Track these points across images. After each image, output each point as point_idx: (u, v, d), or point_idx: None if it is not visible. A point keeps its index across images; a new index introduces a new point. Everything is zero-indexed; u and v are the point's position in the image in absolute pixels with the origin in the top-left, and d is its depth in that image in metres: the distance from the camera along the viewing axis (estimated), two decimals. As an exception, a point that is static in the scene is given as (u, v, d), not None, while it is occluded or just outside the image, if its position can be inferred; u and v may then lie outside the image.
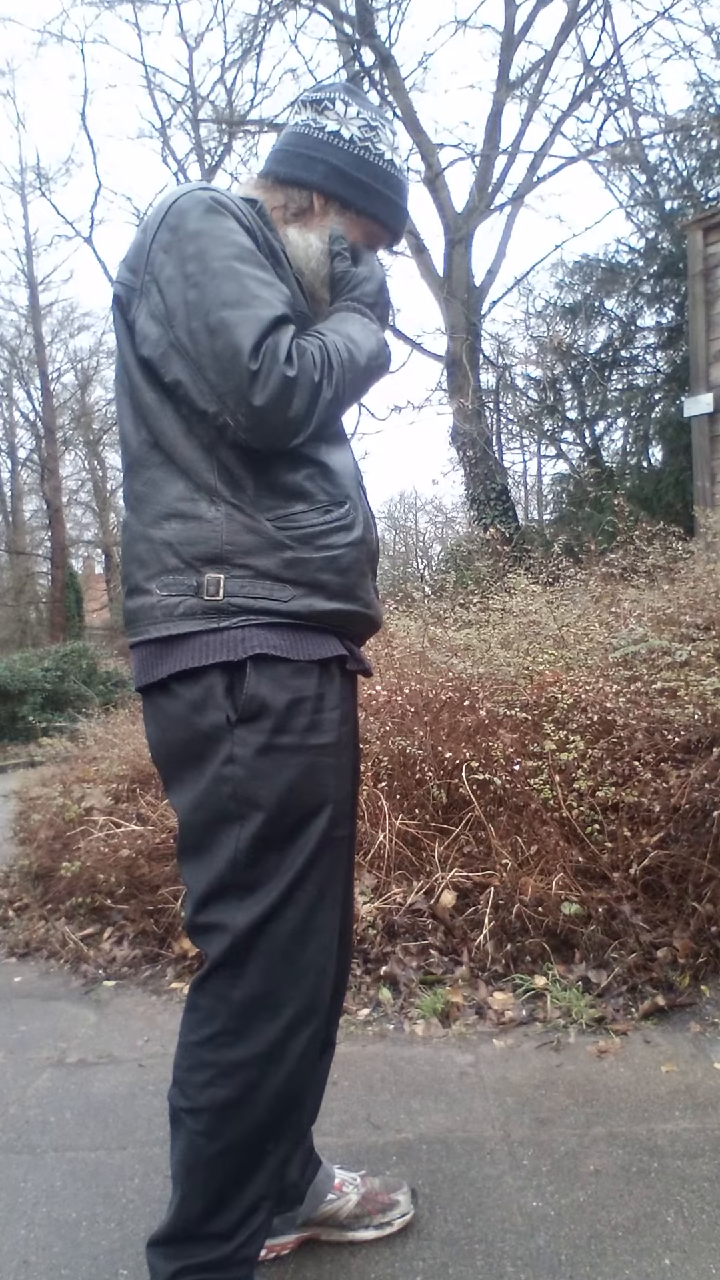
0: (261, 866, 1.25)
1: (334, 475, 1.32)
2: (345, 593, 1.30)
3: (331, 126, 1.38)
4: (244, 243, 1.24)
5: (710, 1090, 2.00)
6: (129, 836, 3.34)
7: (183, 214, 1.24)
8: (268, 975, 1.26)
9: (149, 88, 15.74)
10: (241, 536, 1.24)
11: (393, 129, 1.43)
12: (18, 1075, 2.31)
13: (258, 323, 1.17)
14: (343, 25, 12.51)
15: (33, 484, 24.78)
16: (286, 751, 1.24)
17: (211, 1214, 1.27)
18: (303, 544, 1.26)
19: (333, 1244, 1.58)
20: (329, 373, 1.24)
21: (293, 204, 1.40)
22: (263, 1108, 1.27)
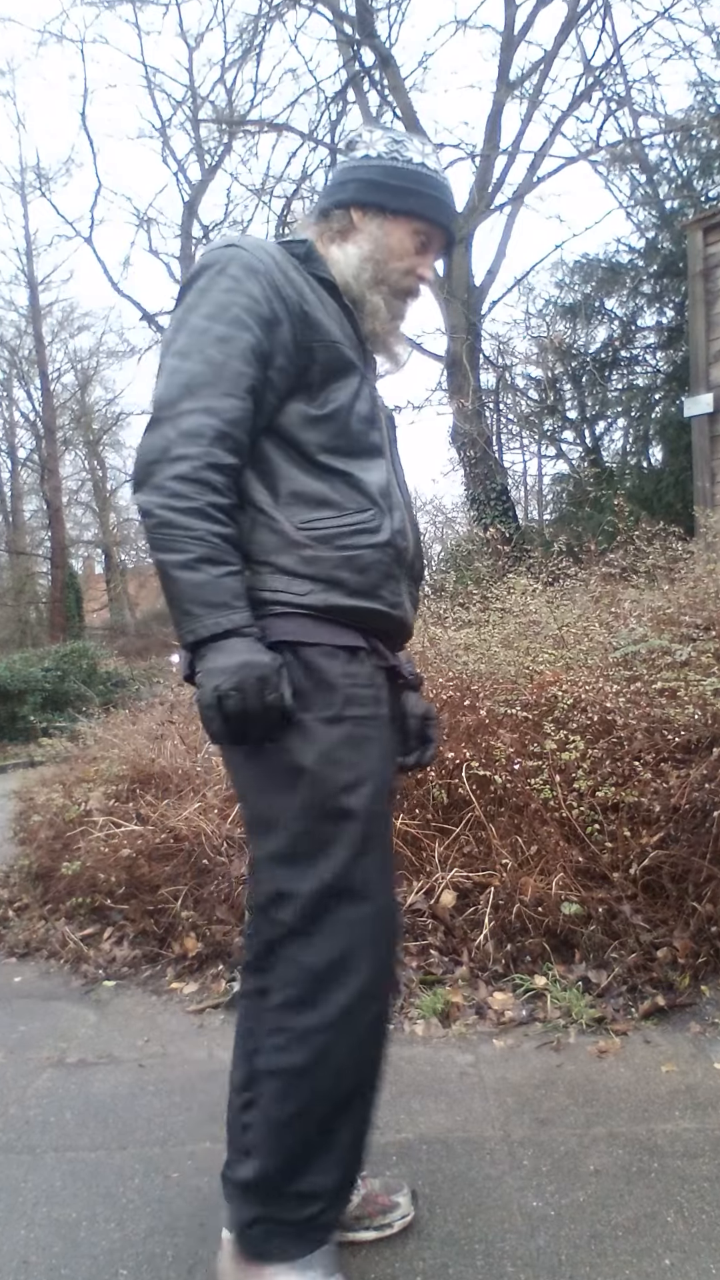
0: (316, 835, 1.33)
1: (361, 485, 1.40)
2: (366, 591, 1.38)
3: (360, 153, 1.49)
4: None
5: (710, 1090, 2.00)
6: (129, 836, 3.34)
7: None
8: (337, 941, 1.33)
9: (149, 88, 15.80)
10: (264, 537, 1.35)
11: (423, 141, 1.51)
12: (18, 1075, 2.31)
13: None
14: (343, 25, 12.51)
15: (33, 484, 24.79)
16: (324, 724, 1.33)
17: (286, 1176, 1.34)
18: (322, 543, 1.35)
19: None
20: (173, 510, 1.26)
21: (336, 224, 1.50)
22: (330, 1077, 1.34)
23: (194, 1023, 2.55)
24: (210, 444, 1.27)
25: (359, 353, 1.47)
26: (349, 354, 1.42)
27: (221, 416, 1.28)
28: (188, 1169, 1.85)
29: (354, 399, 1.42)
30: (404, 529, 1.46)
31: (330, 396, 1.40)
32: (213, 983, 2.73)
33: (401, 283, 1.51)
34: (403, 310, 1.54)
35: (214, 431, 1.28)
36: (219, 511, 1.27)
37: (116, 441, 26.65)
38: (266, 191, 15.54)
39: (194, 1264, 1.56)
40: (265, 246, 1.41)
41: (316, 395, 1.39)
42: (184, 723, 4.66)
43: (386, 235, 1.48)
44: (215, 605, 1.24)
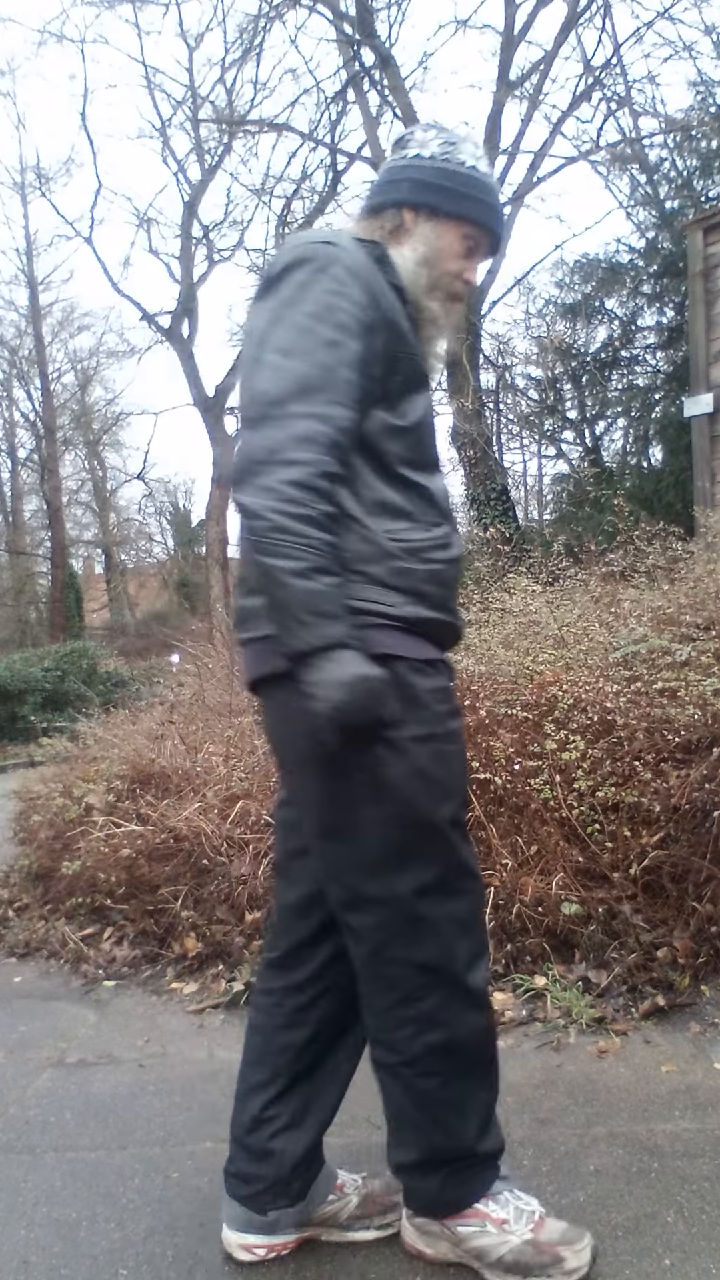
0: (409, 842, 1.37)
1: (433, 499, 1.43)
2: (442, 604, 1.42)
3: (413, 152, 1.48)
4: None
5: (710, 1090, 2.00)
6: (129, 836, 3.34)
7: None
8: (439, 934, 1.40)
9: (149, 88, 15.79)
10: (357, 545, 1.34)
11: (475, 143, 1.50)
12: (18, 1075, 2.31)
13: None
14: (343, 25, 12.51)
15: (33, 484, 24.80)
16: (414, 741, 1.35)
17: (454, 1138, 1.45)
18: (411, 555, 1.37)
19: (334, 1244, 1.58)
20: (288, 519, 1.23)
21: (388, 224, 1.48)
22: (467, 1038, 1.44)
23: (194, 1023, 2.55)
24: (323, 451, 1.25)
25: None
26: (424, 365, 1.44)
27: (333, 424, 1.27)
28: (188, 1169, 1.85)
29: (428, 413, 1.44)
30: (459, 541, 1.50)
31: (409, 408, 1.40)
32: (213, 983, 2.73)
33: (451, 287, 1.51)
34: (450, 315, 1.54)
35: (327, 439, 1.26)
36: (330, 520, 1.26)
37: (116, 441, 26.73)
38: (266, 191, 15.57)
39: (194, 1264, 1.56)
40: (357, 249, 1.38)
41: (395, 406, 1.38)
42: (184, 723, 4.66)
43: (438, 238, 1.47)
44: (328, 615, 1.23)
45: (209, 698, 5.03)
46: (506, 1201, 1.46)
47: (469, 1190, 1.46)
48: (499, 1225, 1.44)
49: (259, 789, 3.33)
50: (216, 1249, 1.59)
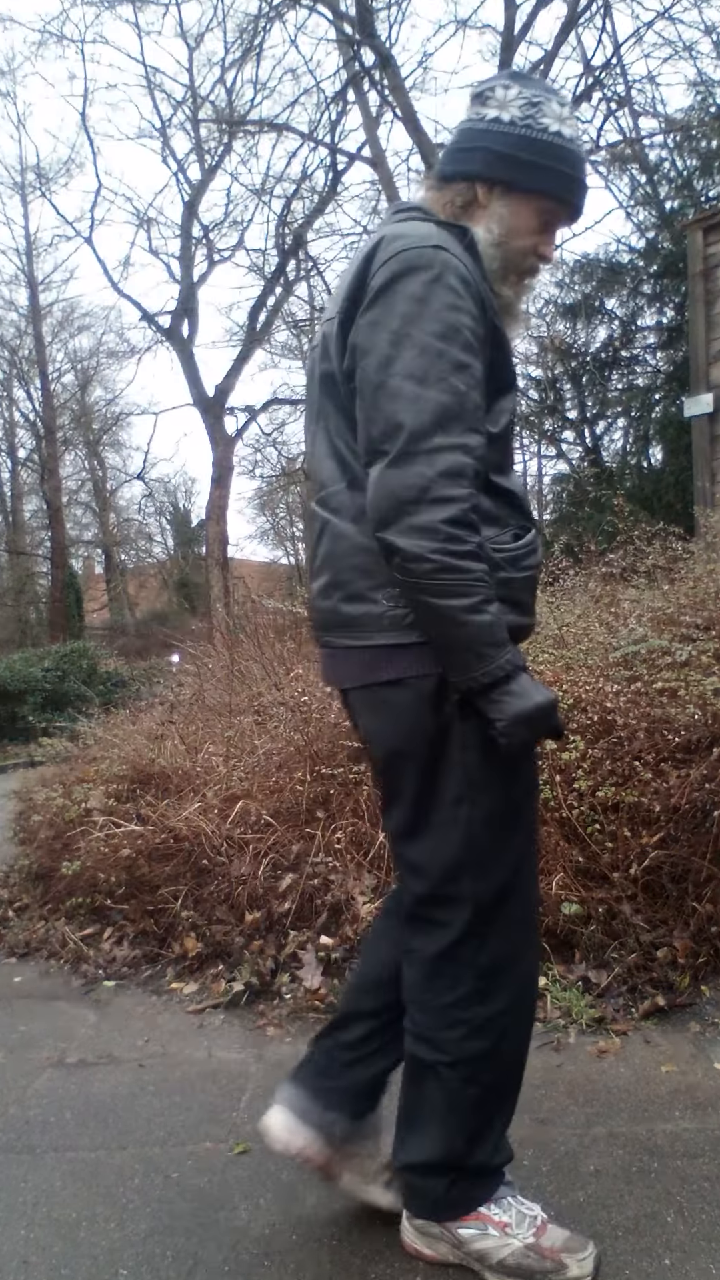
0: (494, 842, 1.39)
1: (519, 503, 1.41)
2: (529, 609, 1.45)
3: (492, 114, 1.35)
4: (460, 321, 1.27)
5: (710, 1090, 2.00)
6: (129, 836, 3.34)
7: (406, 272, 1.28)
8: (508, 939, 1.41)
9: (149, 88, 15.76)
10: None
11: (561, 100, 1.36)
12: (18, 1075, 2.31)
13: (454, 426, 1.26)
14: (343, 25, 12.52)
15: (33, 484, 24.79)
16: (505, 735, 1.33)
17: (474, 1146, 1.45)
18: (511, 565, 1.37)
19: (334, 1243, 1.58)
20: (454, 556, 1.24)
21: (459, 199, 1.39)
22: (510, 1053, 1.46)
23: (194, 1023, 2.55)
24: (470, 484, 1.25)
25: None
26: (514, 366, 1.40)
27: (474, 454, 1.26)
28: (188, 1169, 1.85)
29: (514, 414, 1.41)
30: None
31: (499, 413, 1.37)
32: (213, 983, 2.73)
33: (523, 264, 1.41)
34: (523, 293, 1.45)
35: (472, 471, 1.26)
36: (482, 550, 1.28)
37: (116, 441, 26.70)
38: (266, 191, 15.57)
39: (194, 1264, 1.56)
40: (456, 245, 1.31)
41: (490, 410, 1.35)
42: (184, 723, 4.66)
43: (513, 215, 1.37)
44: (503, 644, 1.27)
45: (209, 698, 5.02)
46: (509, 1205, 1.46)
47: (474, 1196, 1.47)
48: (501, 1229, 1.44)
49: (259, 789, 3.33)
50: (216, 1249, 1.59)
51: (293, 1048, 2.35)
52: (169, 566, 26.94)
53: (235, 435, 18.25)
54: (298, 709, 3.57)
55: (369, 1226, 1.62)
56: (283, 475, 25.69)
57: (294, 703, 3.66)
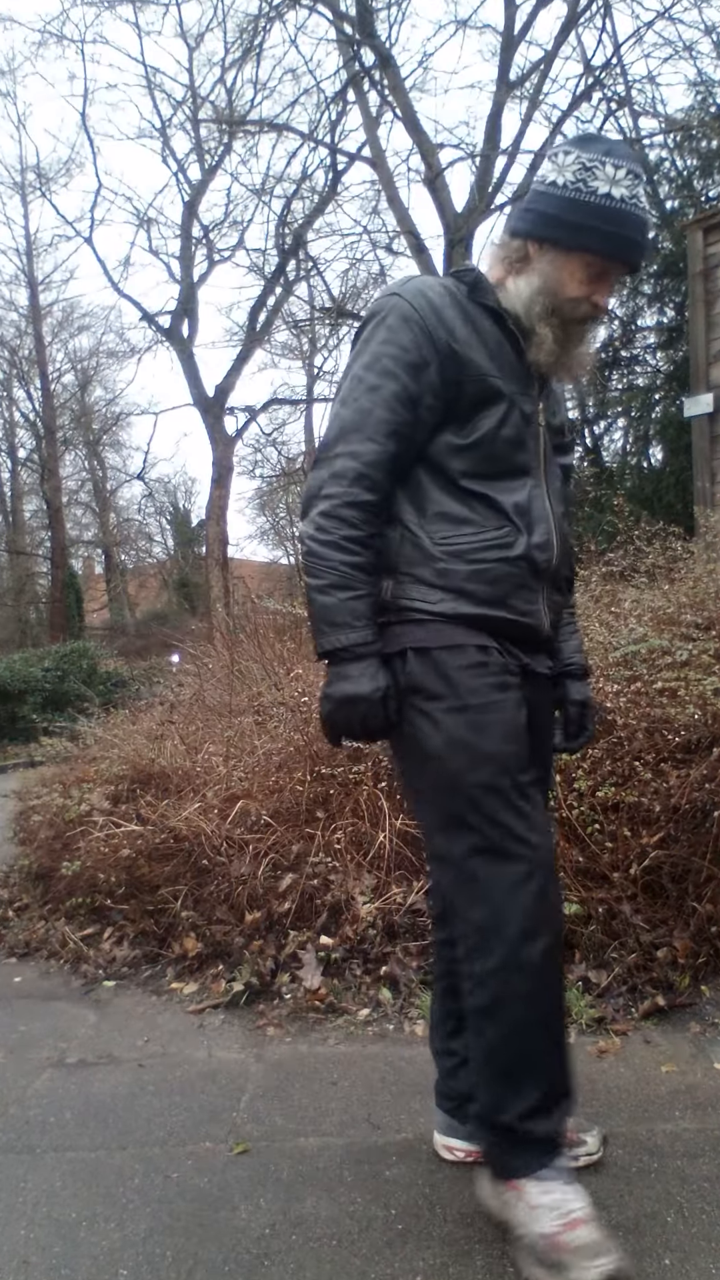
0: (454, 806, 1.50)
1: (499, 505, 1.54)
2: (494, 600, 1.53)
3: (550, 177, 1.52)
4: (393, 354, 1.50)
5: (710, 1090, 2.00)
6: (129, 836, 3.34)
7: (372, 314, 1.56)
8: (490, 896, 1.48)
9: (149, 88, 15.75)
10: (408, 551, 1.54)
11: (618, 162, 1.49)
12: (18, 1075, 2.31)
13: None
14: (343, 25, 12.51)
15: (33, 484, 24.78)
16: (448, 713, 1.49)
17: (500, 1103, 1.50)
18: (454, 558, 1.52)
19: (335, 1245, 1.58)
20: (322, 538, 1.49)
21: (513, 254, 1.57)
22: (517, 1010, 1.48)
23: (194, 1023, 2.55)
24: (350, 484, 1.48)
25: (516, 378, 1.56)
26: (496, 384, 1.53)
27: (361, 459, 1.48)
28: (188, 1169, 1.85)
29: (499, 425, 1.53)
30: (547, 543, 1.57)
31: (476, 425, 1.53)
32: (213, 983, 2.73)
33: (575, 312, 1.55)
34: (579, 335, 1.58)
35: (354, 473, 1.48)
36: (351, 543, 1.48)
37: (116, 441, 26.69)
38: (266, 191, 15.56)
39: (194, 1264, 1.56)
40: (426, 290, 1.53)
41: (465, 424, 1.53)
42: (184, 723, 4.66)
43: (558, 270, 1.52)
44: (337, 624, 1.47)
45: (209, 698, 5.03)
46: (549, 1190, 1.47)
47: (512, 1163, 1.50)
48: (530, 1209, 1.46)
49: (259, 789, 3.33)
50: (216, 1249, 1.59)
51: (293, 1048, 2.35)
52: (169, 566, 26.94)
53: (235, 435, 18.26)
54: (298, 709, 3.57)
55: (369, 1226, 1.63)
56: (283, 475, 25.68)
57: (294, 703, 3.66)
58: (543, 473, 1.60)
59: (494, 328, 1.55)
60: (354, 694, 1.46)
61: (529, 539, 1.54)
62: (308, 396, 23.84)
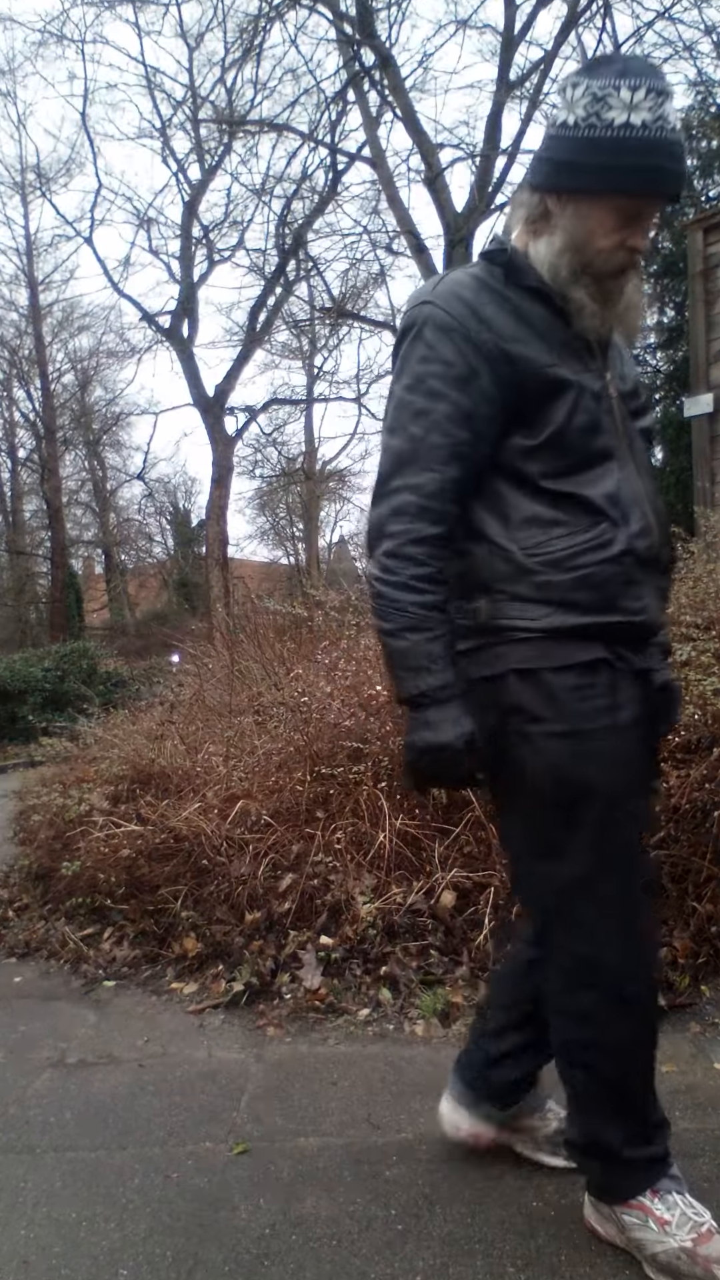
0: (553, 837, 1.42)
1: (589, 502, 1.41)
2: (602, 606, 1.41)
3: (561, 118, 1.33)
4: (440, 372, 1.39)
5: (710, 1090, 2.00)
6: (129, 836, 3.34)
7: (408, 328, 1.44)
8: (588, 929, 1.43)
9: (149, 88, 15.74)
10: (498, 566, 1.43)
11: (634, 82, 1.26)
12: (18, 1075, 2.31)
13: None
14: (343, 25, 12.50)
15: (33, 484, 24.77)
16: (548, 738, 1.39)
17: (606, 1134, 1.48)
18: (552, 567, 1.40)
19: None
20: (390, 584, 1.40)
21: (532, 212, 1.41)
22: (615, 1050, 1.46)
23: (194, 1023, 2.55)
24: (412, 520, 1.39)
25: (576, 355, 1.43)
26: (558, 372, 1.40)
27: (421, 492, 1.38)
28: (188, 1169, 1.85)
29: (570, 415, 1.41)
30: (646, 527, 1.45)
31: (545, 421, 1.40)
32: (213, 983, 2.73)
33: (609, 263, 1.38)
34: (617, 289, 1.41)
35: (415, 508, 1.38)
36: (421, 582, 1.39)
37: (116, 441, 26.66)
38: (266, 191, 15.56)
39: (194, 1264, 1.56)
40: (459, 290, 1.39)
41: (533, 423, 1.41)
42: (184, 723, 4.66)
43: (584, 222, 1.35)
44: (414, 670, 1.39)
45: (209, 698, 5.02)
46: (674, 1204, 1.46)
47: (625, 1185, 1.49)
48: (661, 1225, 1.45)
49: (259, 789, 3.33)
50: (216, 1249, 1.60)
51: (293, 1048, 2.35)
52: (169, 566, 26.93)
53: (235, 435, 18.26)
54: (298, 709, 3.57)
55: (369, 1227, 1.63)
56: (283, 475, 25.70)
57: (294, 703, 3.66)
58: (627, 451, 1.46)
59: (540, 308, 1.41)
60: (437, 743, 1.38)
61: (627, 530, 1.42)
62: (308, 396, 23.88)
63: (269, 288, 17.09)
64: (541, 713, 1.39)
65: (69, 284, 34.24)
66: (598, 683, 1.41)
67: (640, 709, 1.45)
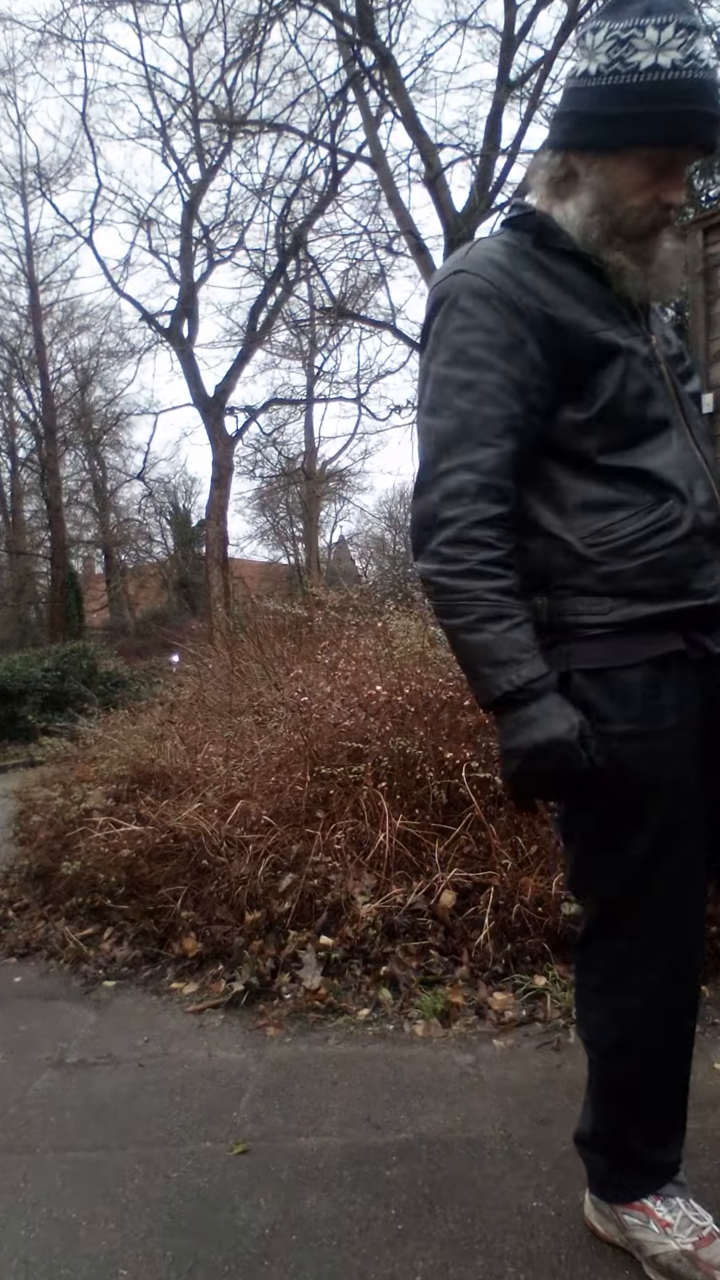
0: (614, 841, 1.35)
1: (651, 476, 1.30)
2: (674, 592, 1.30)
3: (582, 67, 1.22)
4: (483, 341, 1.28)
5: (710, 1090, 2.00)
6: (129, 836, 3.34)
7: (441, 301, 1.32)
8: (637, 939, 1.38)
9: (149, 88, 15.74)
10: (558, 560, 1.31)
11: (661, 20, 1.16)
12: (18, 1075, 2.31)
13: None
14: (343, 25, 12.49)
15: (33, 484, 24.77)
16: (619, 739, 1.29)
17: (623, 1132, 1.47)
18: (617, 556, 1.29)
19: (334, 1244, 1.58)
20: (450, 572, 1.26)
21: (556, 173, 1.31)
22: (647, 1052, 1.43)
23: (194, 1023, 2.55)
24: (473, 501, 1.25)
25: (620, 319, 1.33)
26: (608, 336, 1.29)
27: (479, 469, 1.25)
28: (188, 1169, 1.85)
29: (622, 383, 1.30)
30: (712, 499, 1.34)
31: (597, 391, 1.30)
32: (213, 983, 2.73)
33: (641, 222, 1.28)
34: (652, 248, 1.31)
35: (475, 487, 1.25)
36: (493, 566, 1.25)
37: (116, 441, 26.66)
38: (266, 191, 15.56)
39: (194, 1264, 1.56)
40: (491, 254, 1.30)
41: (584, 395, 1.30)
42: (184, 723, 4.66)
43: (611, 179, 1.25)
44: (502, 663, 1.24)
45: (209, 698, 5.03)
46: (676, 1207, 1.46)
47: (632, 1186, 1.48)
48: (662, 1227, 1.44)
49: (259, 789, 3.33)
50: (216, 1249, 1.59)
51: (293, 1048, 2.35)
52: (169, 566, 26.94)
53: (235, 435, 18.27)
54: (298, 709, 3.57)
55: (369, 1226, 1.63)
56: (283, 475, 25.70)
57: (294, 703, 3.66)
58: (682, 418, 1.36)
59: (577, 270, 1.31)
60: (547, 740, 1.22)
61: (694, 503, 1.31)
62: (308, 396, 23.88)
63: (269, 288, 17.10)
64: (610, 713, 1.29)
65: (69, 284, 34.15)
66: (669, 678, 1.31)
67: (706, 700, 1.37)
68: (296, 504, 28.03)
